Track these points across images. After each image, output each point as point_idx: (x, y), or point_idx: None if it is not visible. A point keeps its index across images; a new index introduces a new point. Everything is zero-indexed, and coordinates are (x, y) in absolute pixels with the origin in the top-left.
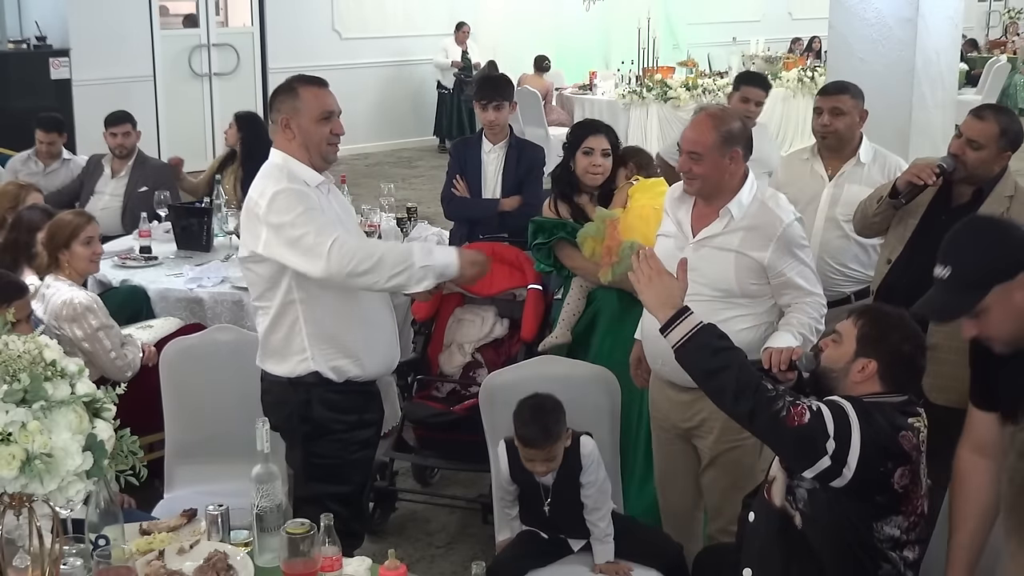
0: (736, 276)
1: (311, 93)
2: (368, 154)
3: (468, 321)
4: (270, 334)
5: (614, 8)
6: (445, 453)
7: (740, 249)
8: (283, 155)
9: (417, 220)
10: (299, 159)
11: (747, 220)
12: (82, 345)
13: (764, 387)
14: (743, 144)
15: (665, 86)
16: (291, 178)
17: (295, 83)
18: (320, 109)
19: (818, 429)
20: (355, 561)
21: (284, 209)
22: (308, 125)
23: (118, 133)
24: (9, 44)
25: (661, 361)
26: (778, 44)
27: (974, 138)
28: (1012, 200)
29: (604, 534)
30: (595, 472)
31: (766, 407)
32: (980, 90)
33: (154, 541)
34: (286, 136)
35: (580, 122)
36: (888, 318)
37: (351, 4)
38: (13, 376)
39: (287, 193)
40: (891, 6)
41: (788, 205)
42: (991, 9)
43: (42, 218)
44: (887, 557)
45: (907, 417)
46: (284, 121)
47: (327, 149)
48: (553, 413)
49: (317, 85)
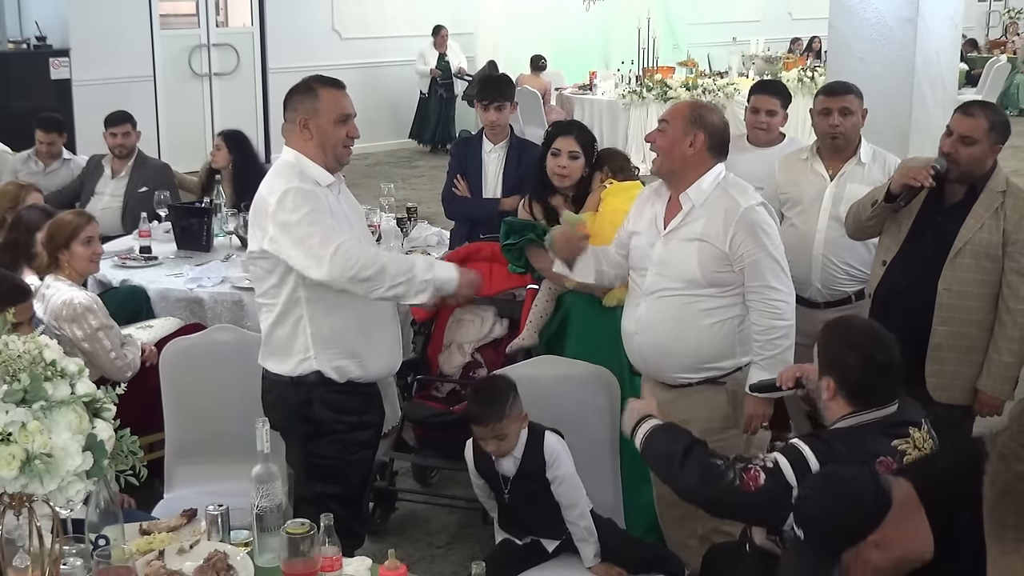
0: (700, 265)
1: (330, 95)
2: (368, 154)
3: (468, 321)
4: (273, 331)
5: (614, 8)
6: (445, 453)
7: (702, 236)
8: (296, 153)
9: (417, 220)
10: (313, 159)
11: (708, 206)
12: (82, 345)
13: (713, 463)
14: (711, 137)
15: (665, 86)
16: (303, 177)
17: (314, 83)
18: (339, 111)
19: (778, 485)
20: (355, 561)
21: (292, 208)
22: (326, 126)
23: (118, 133)
24: (9, 44)
25: (639, 357)
26: (778, 44)
27: (966, 134)
28: (1005, 195)
29: (586, 534)
30: (561, 467)
31: (717, 479)
32: (980, 90)
33: (154, 541)
34: (303, 136)
35: (556, 122)
36: (836, 331)
37: (351, 4)
38: (13, 376)
39: (296, 192)
40: (891, 6)
41: (755, 193)
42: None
43: (42, 218)
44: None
45: (891, 438)
46: (303, 121)
47: (342, 151)
48: (500, 392)
49: (336, 87)
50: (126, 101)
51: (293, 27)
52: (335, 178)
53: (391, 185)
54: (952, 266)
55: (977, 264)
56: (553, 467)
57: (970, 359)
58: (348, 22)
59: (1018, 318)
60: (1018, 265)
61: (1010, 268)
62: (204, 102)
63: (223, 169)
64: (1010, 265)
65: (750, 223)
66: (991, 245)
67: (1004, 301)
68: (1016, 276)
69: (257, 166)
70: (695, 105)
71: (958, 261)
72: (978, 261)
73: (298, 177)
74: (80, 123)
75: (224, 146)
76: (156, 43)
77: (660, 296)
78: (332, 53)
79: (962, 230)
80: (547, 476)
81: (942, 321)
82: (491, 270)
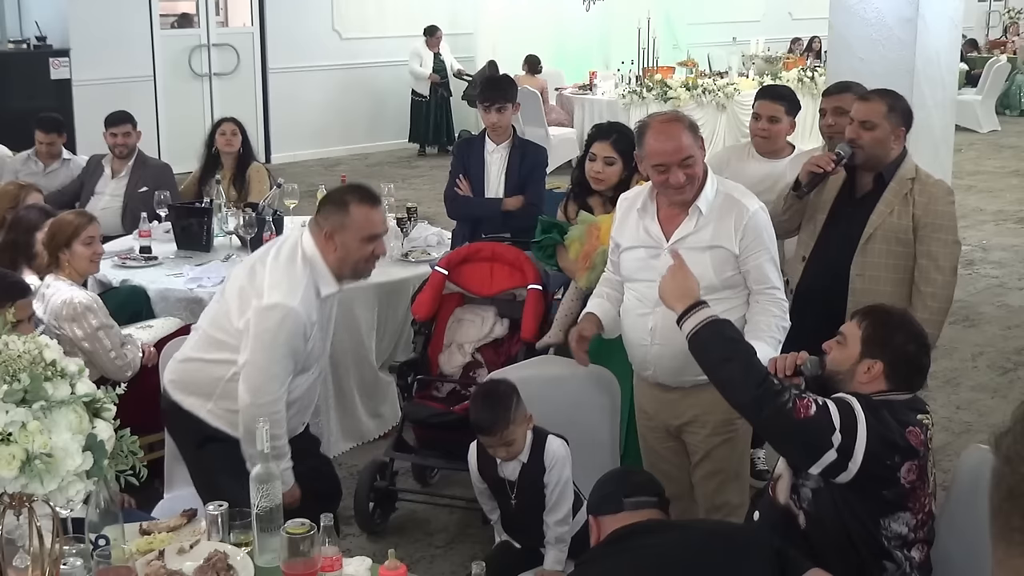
0: (715, 270)
1: (363, 213)
2: (368, 154)
3: (468, 321)
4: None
5: (614, 8)
6: (445, 453)
7: (713, 243)
8: (315, 250)
9: (417, 220)
10: (329, 265)
11: (715, 213)
12: (82, 345)
13: (770, 379)
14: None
15: (665, 86)
16: (308, 286)
17: (348, 197)
18: (369, 231)
19: (824, 421)
20: (355, 561)
21: (275, 329)
22: (351, 243)
23: (118, 133)
24: (9, 44)
25: (653, 368)
26: (778, 44)
27: (865, 119)
28: (913, 182)
29: (556, 538)
30: (557, 473)
31: (772, 399)
32: (980, 90)
33: (154, 541)
34: (327, 246)
35: (598, 124)
36: (892, 318)
37: (351, 4)
38: (13, 376)
39: (287, 316)
40: (891, 6)
41: (752, 195)
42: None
43: (42, 218)
44: (892, 556)
45: (915, 413)
46: (329, 233)
47: (364, 267)
48: (503, 398)
49: (370, 204)
50: (126, 101)
51: (293, 27)
52: (337, 288)
53: (391, 185)
54: (863, 251)
55: (888, 249)
56: (551, 472)
57: None
58: (348, 22)
59: (928, 301)
60: (927, 248)
61: (920, 252)
62: (204, 102)
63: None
64: (920, 249)
65: (757, 226)
66: (901, 230)
67: (916, 285)
68: (926, 260)
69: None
70: (681, 120)
71: (869, 247)
72: (889, 246)
73: (303, 287)
74: (80, 123)
75: (240, 132)
76: (156, 43)
77: None
78: (332, 53)
79: (872, 216)
80: (543, 480)
81: (856, 306)
82: (491, 270)
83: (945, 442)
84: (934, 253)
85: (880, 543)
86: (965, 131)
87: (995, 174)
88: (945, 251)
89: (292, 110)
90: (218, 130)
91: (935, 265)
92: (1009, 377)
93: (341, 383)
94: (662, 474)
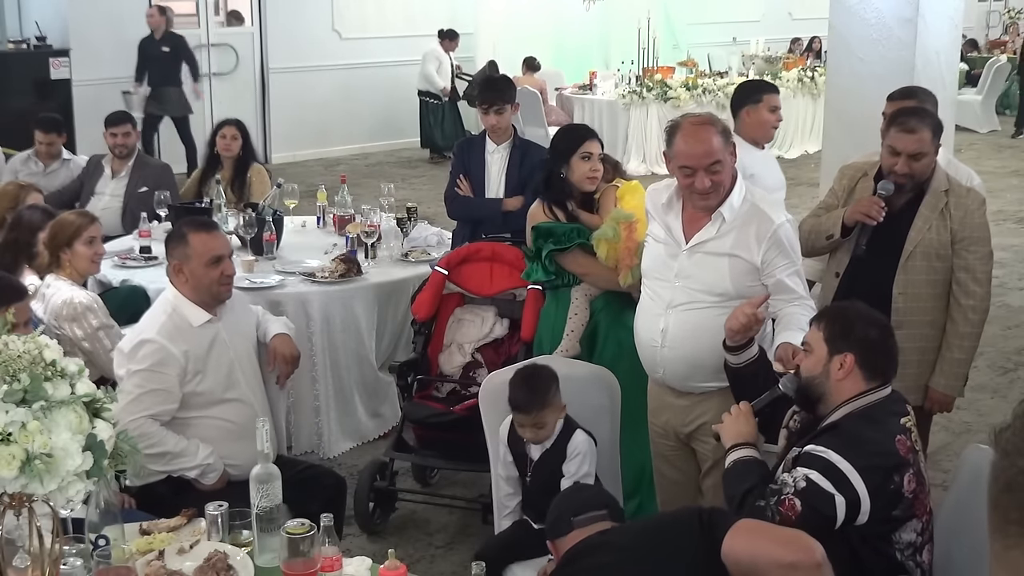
0: (732, 279)
1: (200, 240)
2: (368, 154)
3: (468, 321)
4: None
5: (614, 8)
6: (445, 453)
7: (733, 251)
8: (175, 292)
9: (417, 220)
10: (189, 299)
11: (739, 221)
12: (82, 345)
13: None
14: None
15: (665, 86)
16: (174, 318)
17: (185, 228)
18: (209, 255)
19: (819, 500)
20: (355, 561)
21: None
22: (199, 269)
23: (118, 133)
24: (9, 44)
25: (663, 370)
26: (778, 44)
27: (916, 151)
28: (948, 194)
29: None
30: (577, 466)
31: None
32: (980, 90)
33: (154, 541)
34: (180, 279)
35: (567, 127)
36: (847, 312)
37: (351, 4)
38: (13, 376)
39: (151, 348)
40: (891, 6)
41: (781, 207)
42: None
43: (42, 218)
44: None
45: (899, 417)
46: (177, 267)
47: (219, 289)
48: (544, 381)
49: (206, 230)
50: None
51: (293, 27)
52: (211, 316)
53: (391, 185)
54: (904, 269)
55: (928, 265)
56: (570, 463)
57: (929, 360)
58: (348, 22)
59: (970, 314)
60: (966, 262)
61: (959, 266)
62: (204, 102)
63: (227, 159)
64: (958, 263)
65: (780, 240)
66: (940, 245)
67: (955, 298)
68: (965, 273)
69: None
70: (714, 123)
71: (910, 264)
72: (929, 262)
73: (168, 319)
74: (80, 123)
75: (240, 135)
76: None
77: (688, 309)
78: (332, 53)
79: (911, 233)
80: (562, 468)
81: (899, 325)
82: (491, 270)
83: (945, 442)
84: (972, 266)
85: (892, 559)
86: (965, 131)
87: (995, 174)
88: (982, 264)
89: (292, 110)
90: (219, 133)
91: (973, 278)
92: (1009, 377)
93: (341, 383)
94: (670, 481)
